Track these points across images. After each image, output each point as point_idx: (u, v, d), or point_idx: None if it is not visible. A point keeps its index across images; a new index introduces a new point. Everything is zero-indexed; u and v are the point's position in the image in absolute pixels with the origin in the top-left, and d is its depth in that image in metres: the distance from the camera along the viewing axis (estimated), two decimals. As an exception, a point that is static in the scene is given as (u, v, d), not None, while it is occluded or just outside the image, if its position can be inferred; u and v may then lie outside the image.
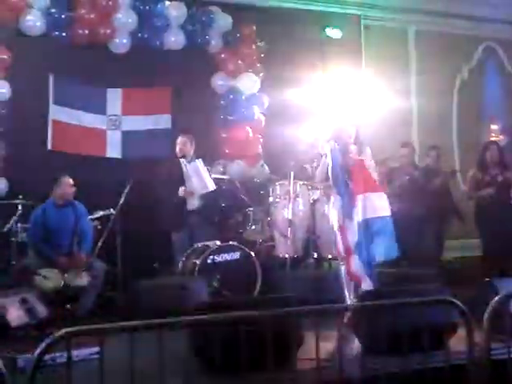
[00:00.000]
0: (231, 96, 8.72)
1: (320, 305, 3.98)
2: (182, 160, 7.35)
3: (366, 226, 5.60)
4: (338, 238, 5.71)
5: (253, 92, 8.78)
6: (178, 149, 7.43)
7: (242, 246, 6.93)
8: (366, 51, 9.71)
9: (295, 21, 9.11)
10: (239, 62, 8.72)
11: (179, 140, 7.47)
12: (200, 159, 7.31)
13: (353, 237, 5.59)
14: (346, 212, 5.67)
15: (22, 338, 4.92)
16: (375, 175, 6.13)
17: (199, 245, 6.97)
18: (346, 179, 5.77)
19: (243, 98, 8.73)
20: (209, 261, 6.73)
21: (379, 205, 5.67)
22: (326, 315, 3.91)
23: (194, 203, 7.29)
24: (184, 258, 6.87)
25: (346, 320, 4.35)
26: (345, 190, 5.74)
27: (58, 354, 3.94)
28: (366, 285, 5.45)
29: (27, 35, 7.60)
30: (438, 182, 7.96)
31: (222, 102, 8.81)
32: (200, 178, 7.21)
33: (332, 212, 5.92)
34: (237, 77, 8.72)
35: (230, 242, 6.95)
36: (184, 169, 7.29)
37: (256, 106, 8.77)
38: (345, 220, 5.66)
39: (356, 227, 5.59)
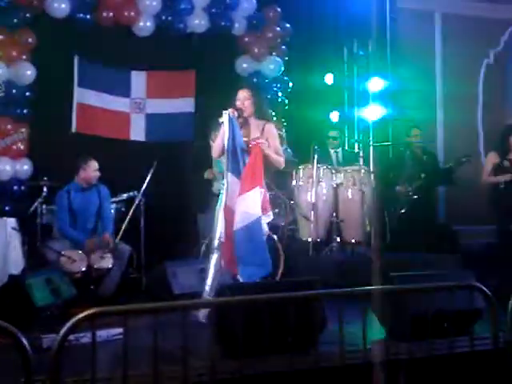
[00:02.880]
0: (255, 79, 8.68)
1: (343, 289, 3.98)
2: (210, 142, 7.34)
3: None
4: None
5: (277, 75, 8.74)
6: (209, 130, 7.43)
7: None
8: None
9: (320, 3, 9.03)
10: (263, 45, 8.67)
11: (212, 123, 7.46)
12: None
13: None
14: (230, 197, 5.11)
15: (47, 318, 4.96)
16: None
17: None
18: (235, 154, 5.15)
19: (267, 81, 8.69)
20: (232, 244, 6.72)
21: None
22: (350, 299, 3.91)
23: (218, 185, 7.28)
24: (207, 241, 6.88)
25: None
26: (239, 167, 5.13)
27: (82, 335, 4.00)
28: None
29: (52, 17, 7.61)
30: None
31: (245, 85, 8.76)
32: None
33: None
34: (261, 60, 8.68)
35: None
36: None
37: (280, 90, 8.73)
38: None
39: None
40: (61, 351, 3.00)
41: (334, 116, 8.47)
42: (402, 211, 7.82)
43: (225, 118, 5.27)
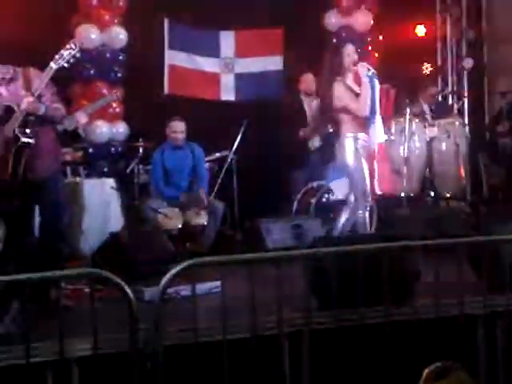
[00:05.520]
0: (344, 34, 8.55)
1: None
2: (304, 98, 7.35)
3: None
4: None
5: (366, 29, 8.57)
6: (302, 86, 7.41)
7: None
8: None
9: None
10: (352, -2, 8.52)
11: (304, 77, 7.45)
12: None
13: None
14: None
15: (147, 273, 5.13)
16: None
17: (314, 184, 6.99)
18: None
19: (356, 35, 8.55)
20: (323, 200, 6.75)
21: None
22: (445, 251, 3.86)
23: (314, 143, 7.31)
24: (299, 197, 6.92)
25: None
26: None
27: (181, 287, 4.13)
28: None
29: (142, -20, 7.73)
30: None
31: (334, 40, 8.66)
32: None
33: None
34: (350, 14, 8.53)
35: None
36: (305, 107, 7.30)
37: (369, 43, 8.58)
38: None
39: None
40: (163, 300, 3.12)
41: (427, 68, 8.27)
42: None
43: (371, 74, 5.39)
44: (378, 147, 5.81)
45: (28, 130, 4.29)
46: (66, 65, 4.38)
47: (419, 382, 2.35)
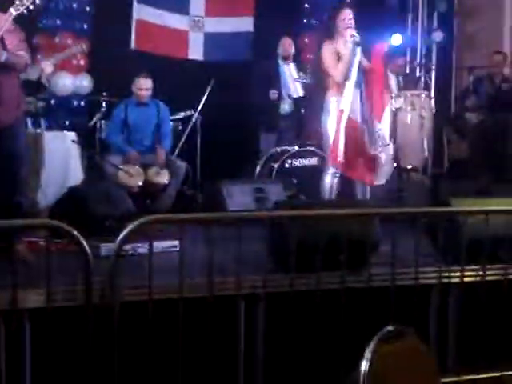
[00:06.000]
0: (316, -1, 8.50)
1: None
2: (281, 62, 7.29)
3: None
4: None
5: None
6: (280, 50, 7.35)
7: (321, 152, 6.88)
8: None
9: None
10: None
11: (283, 41, 7.38)
12: (294, 63, 7.22)
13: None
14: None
15: (104, 229, 5.08)
16: None
17: (278, 149, 6.97)
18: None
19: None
20: (286, 165, 6.75)
21: None
22: (405, 221, 3.90)
23: (284, 107, 7.27)
24: (262, 162, 6.90)
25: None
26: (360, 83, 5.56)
27: (138, 245, 4.11)
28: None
29: None
30: None
31: (306, 5, 8.60)
32: (293, 82, 7.15)
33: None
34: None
35: (308, 148, 6.91)
36: (281, 71, 7.24)
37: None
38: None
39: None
40: (119, 256, 3.09)
41: (396, 39, 8.26)
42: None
43: (352, 41, 5.35)
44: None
45: None
46: (25, 12, 4.25)
47: (370, 342, 2.39)
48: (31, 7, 4.24)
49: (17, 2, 4.22)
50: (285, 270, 3.63)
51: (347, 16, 5.54)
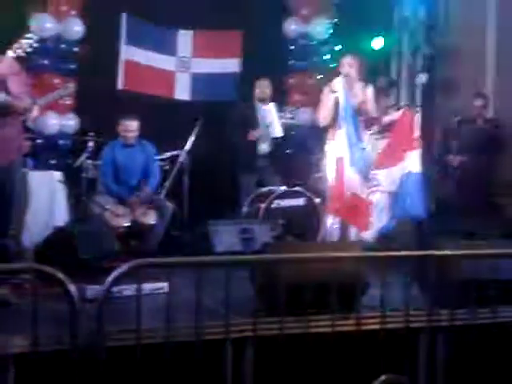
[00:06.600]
0: (302, 41, 8.60)
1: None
2: (257, 103, 7.32)
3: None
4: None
5: (324, 38, 8.62)
6: (256, 92, 7.39)
7: (307, 193, 6.90)
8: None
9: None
10: (312, 6, 8.55)
11: (259, 83, 7.42)
12: (273, 103, 7.26)
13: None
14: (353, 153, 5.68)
15: (90, 270, 5.04)
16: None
17: (264, 189, 6.98)
18: (355, 119, 5.70)
19: (314, 43, 8.59)
20: (273, 205, 6.75)
21: None
22: (391, 263, 3.89)
23: (264, 148, 7.29)
24: (249, 202, 6.90)
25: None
26: (354, 130, 5.68)
27: (124, 287, 4.06)
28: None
29: (101, -27, 7.60)
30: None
31: (292, 47, 8.70)
32: (273, 123, 7.17)
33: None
34: (309, 22, 8.57)
35: (295, 188, 6.93)
36: (259, 112, 7.28)
37: (327, 52, 8.62)
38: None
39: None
40: (107, 301, 3.05)
41: (381, 81, 8.34)
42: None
43: (338, 86, 5.43)
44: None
45: None
46: (23, 54, 4.28)
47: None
48: (29, 49, 4.27)
49: (15, 45, 4.24)
50: (273, 311, 3.60)
51: (346, 63, 5.69)
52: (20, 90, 4.35)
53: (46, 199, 6.29)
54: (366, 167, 5.75)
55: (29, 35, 4.34)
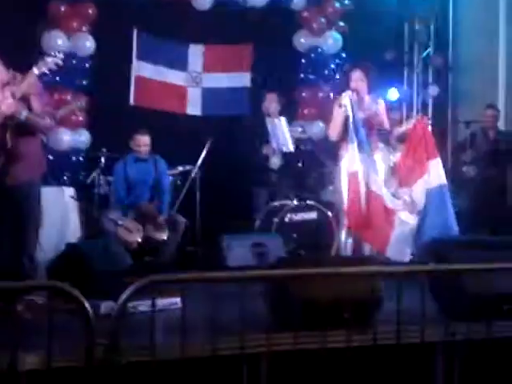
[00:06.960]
0: (312, 55, 8.61)
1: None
2: (267, 117, 7.33)
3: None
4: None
5: (335, 51, 8.63)
6: (264, 106, 7.40)
7: (320, 206, 6.89)
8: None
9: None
10: (322, 20, 8.57)
11: (267, 97, 7.44)
12: (284, 117, 7.27)
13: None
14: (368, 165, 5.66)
15: (103, 286, 5.03)
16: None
17: (277, 203, 6.97)
18: (363, 132, 5.69)
19: (325, 56, 8.60)
20: (286, 219, 6.74)
21: None
22: (406, 276, 3.85)
23: (275, 162, 7.30)
24: (261, 216, 6.89)
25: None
26: (365, 144, 5.67)
27: (138, 303, 4.05)
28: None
29: (112, -11, 7.65)
30: None
31: (302, 60, 8.71)
32: (283, 137, 7.18)
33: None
34: (319, 35, 8.58)
35: (308, 202, 6.91)
36: (268, 127, 7.28)
37: (338, 66, 8.63)
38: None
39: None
40: (122, 316, 3.04)
41: (393, 93, 8.35)
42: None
43: (346, 100, 5.46)
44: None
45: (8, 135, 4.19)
46: (47, 72, 4.30)
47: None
48: (53, 68, 4.28)
49: (40, 63, 4.25)
50: (287, 327, 3.57)
51: (354, 77, 5.69)
52: (42, 108, 4.36)
53: (59, 215, 6.30)
54: (379, 181, 5.70)
55: (55, 53, 4.35)
